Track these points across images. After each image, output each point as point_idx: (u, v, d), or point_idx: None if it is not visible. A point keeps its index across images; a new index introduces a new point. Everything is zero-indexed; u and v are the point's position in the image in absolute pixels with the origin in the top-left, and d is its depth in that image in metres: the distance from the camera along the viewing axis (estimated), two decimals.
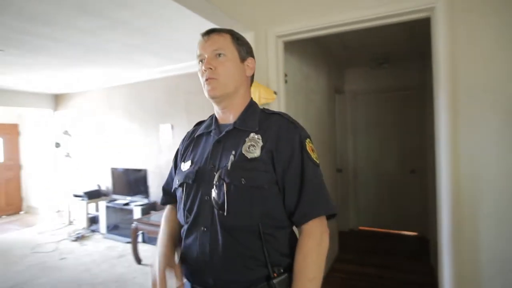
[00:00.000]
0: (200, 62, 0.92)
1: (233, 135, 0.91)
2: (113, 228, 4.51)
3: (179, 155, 1.04)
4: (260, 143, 0.86)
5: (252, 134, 0.88)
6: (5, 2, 2.11)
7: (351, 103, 4.45)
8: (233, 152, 0.86)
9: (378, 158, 4.33)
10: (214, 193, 0.82)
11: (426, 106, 3.47)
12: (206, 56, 0.89)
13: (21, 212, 6.24)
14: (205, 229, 0.85)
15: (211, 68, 0.88)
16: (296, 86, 2.34)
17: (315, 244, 0.83)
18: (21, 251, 4.01)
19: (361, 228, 4.41)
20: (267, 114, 0.95)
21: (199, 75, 0.93)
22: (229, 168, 0.83)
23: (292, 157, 0.86)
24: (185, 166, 0.95)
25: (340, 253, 3.55)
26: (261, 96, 1.72)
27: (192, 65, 3.90)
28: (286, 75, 2.00)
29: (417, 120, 3.99)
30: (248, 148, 0.85)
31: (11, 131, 6.22)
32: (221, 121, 0.97)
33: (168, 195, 1.07)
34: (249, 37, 1.94)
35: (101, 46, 3.12)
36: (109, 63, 3.83)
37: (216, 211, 0.83)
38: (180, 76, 4.12)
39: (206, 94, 0.91)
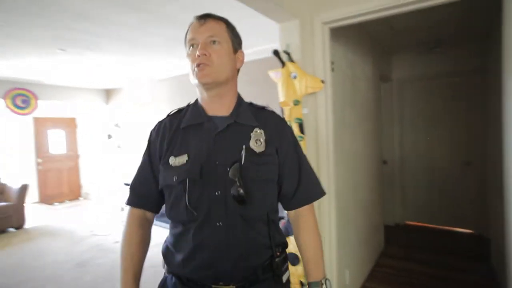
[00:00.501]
0: (191, 47, 0.89)
1: (234, 129, 0.89)
2: (160, 216, 4.73)
3: (157, 149, 0.95)
4: (264, 137, 0.89)
5: (256, 129, 0.90)
6: (65, 5, 2.29)
7: (398, 91, 4.20)
8: (244, 147, 0.86)
9: (427, 149, 4.06)
10: (232, 188, 0.82)
11: (487, 93, 3.17)
12: (199, 41, 0.86)
13: (80, 198, 6.88)
14: (220, 223, 0.84)
15: (205, 54, 0.85)
16: (342, 74, 2.26)
17: (314, 222, 0.97)
18: (82, 233, 4.43)
19: (407, 222, 4.21)
20: (256, 108, 0.97)
21: (189, 60, 0.89)
22: (243, 162, 0.84)
23: (289, 149, 0.94)
24: (179, 161, 0.88)
25: (386, 247, 3.42)
26: (308, 86, 1.68)
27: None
28: (332, 63, 1.94)
29: (471, 108, 3.66)
30: (256, 142, 0.88)
31: (70, 125, 6.84)
32: (210, 112, 0.92)
33: (143, 197, 0.99)
34: (294, 25, 1.91)
35: (147, 40, 3.26)
36: (154, 57, 4.00)
37: (232, 205, 0.84)
38: None
39: (195, 80, 0.87)
